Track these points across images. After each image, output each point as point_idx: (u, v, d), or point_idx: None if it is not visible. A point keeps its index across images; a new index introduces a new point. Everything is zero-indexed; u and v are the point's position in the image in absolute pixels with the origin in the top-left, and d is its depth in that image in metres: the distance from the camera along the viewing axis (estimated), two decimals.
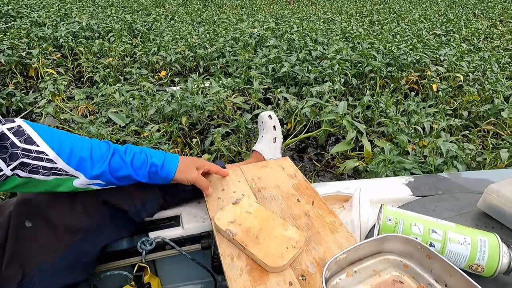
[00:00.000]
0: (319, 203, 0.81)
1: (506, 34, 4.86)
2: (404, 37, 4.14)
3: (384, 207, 0.70)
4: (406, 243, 0.62)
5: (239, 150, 1.97)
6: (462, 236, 0.63)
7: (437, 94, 2.53)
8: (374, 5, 8.19)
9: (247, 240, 0.66)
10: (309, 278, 0.61)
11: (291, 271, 0.63)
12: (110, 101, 2.31)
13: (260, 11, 7.14)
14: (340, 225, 0.74)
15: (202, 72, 3.32)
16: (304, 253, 0.67)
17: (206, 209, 0.83)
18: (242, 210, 0.74)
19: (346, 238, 0.70)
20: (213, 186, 0.87)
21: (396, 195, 0.92)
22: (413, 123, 2.00)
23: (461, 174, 1.01)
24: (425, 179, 0.98)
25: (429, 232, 0.64)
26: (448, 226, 0.66)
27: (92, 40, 3.86)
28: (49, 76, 2.65)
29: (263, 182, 0.90)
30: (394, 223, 0.67)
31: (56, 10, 5.25)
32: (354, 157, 2.03)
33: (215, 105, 2.20)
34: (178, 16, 6.01)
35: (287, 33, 4.01)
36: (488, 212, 0.78)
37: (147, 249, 0.80)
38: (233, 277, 0.62)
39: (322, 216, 0.77)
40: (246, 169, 0.95)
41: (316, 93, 2.44)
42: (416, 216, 0.68)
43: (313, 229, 0.73)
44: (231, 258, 0.66)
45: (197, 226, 0.85)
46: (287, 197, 0.83)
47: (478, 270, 0.61)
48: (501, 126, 2.20)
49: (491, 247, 0.61)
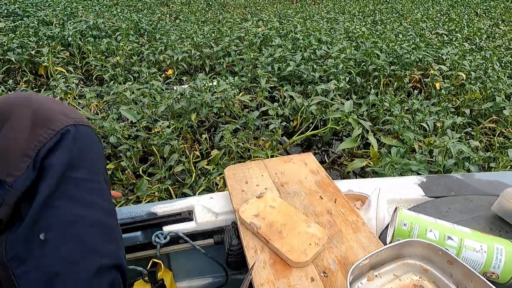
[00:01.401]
0: (342, 201, 0.81)
1: (508, 34, 4.89)
2: (407, 36, 4.18)
3: (399, 211, 0.69)
4: (427, 248, 0.62)
5: (247, 147, 2.02)
6: (478, 244, 0.62)
7: (440, 92, 2.58)
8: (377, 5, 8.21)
9: (271, 234, 0.69)
10: (331, 275, 0.63)
11: (313, 267, 0.64)
12: (121, 99, 2.36)
13: (264, 10, 7.17)
14: (363, 225, 0.74)
15: (209, 71, 3.37)
16: (326, 251, 0.68)
17: (230, 200, 0.85)
18: (266, 204, 0.76)
19: (368, 238, 0.70)
20: (236, 179, 0.90)
21: (408, 195, 0.92)
22: (417, 121, 2.05)
23: (474, 175, 0.99)
24: (438, 180, 0.97)
25: (445, 239, 0.64)
26: (464, 232, 0.65)
27: (100, 39, 3.91)
28: (60, 74, 2.71)
29: (286, 177, 0.91)
30: (409, 228, 0.67)
31: (62, 9, 5.30)
32: (361, 156, 2.08)
33: (223, 103, 2.26)
34: (183, 15, 6.05)
35: (292, 32, 4.06)
36: (503, 217, 0.77)
37: (162, 242, 0.81)
38: (256, 269, 0.64)
39: (344, 214, 0.77)
40: (269, 163, 0.96)
41: (321, 91, 2.49)
42: (432, 221, 0.68)
43: (335, 227, 0.74)
44: (254, 251, 0.68)
45: (210, 221, 0.87)
46: (310, 194, 0.84)
47: (493, 277, 0.61)
48: (502, 124, 2.24)
49: (508, 255, 0.60)
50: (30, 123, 0.50)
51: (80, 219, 0.52)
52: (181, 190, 1.76)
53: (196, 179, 1.81)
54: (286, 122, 2.42)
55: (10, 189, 0.48)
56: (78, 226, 0.52)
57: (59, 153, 0.51)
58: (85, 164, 0.54)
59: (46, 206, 0.49)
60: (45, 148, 0.50)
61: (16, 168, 0.48)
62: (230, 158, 1.97)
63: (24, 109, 0.52)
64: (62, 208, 0.51)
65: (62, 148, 0.51)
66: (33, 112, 0.52)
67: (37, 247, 0.48)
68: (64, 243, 0.50)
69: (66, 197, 0.51)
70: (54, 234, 0.50)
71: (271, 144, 2.03)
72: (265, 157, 1.89)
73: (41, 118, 0.51)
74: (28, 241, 0.49)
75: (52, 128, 0.51)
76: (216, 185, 1.73)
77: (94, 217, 0.54)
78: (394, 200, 0.91)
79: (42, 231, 0.49)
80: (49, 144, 0.50)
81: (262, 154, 1.91)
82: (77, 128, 0.54)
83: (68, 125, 0.52)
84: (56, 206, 0.50)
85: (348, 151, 2.15)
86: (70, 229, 0.51)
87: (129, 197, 1.70)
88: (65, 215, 0.51)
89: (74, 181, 0.52)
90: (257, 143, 2.10)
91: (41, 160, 0.50)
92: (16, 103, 0.53)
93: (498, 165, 1.70)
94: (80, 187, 0.53)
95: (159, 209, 0.89)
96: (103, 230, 0.55)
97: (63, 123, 0.52)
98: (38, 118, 0.51)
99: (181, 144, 1.97)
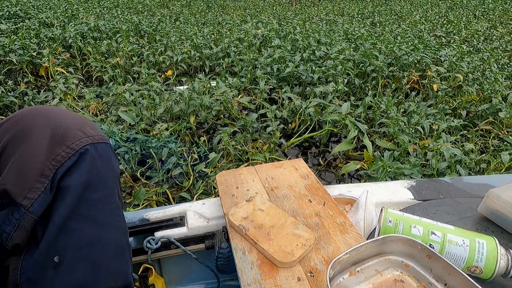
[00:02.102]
0: (331, 204, 0.83)
1: (506, 36, 4.91)
2: (405, 38, 4.20)
3: (385, 210, 0.72)
4: (407, 244, 0.63)
5: (245, 150, 2.04)
6: (461, 238, 0.64)
7: (437, 94, 2.60)
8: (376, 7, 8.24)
9: (259, 236, 0.70)
10: (317, 275, 0.64)
11: (300, 267, 0.66)
12: (120, 100, 2.38)
13: (263, 12, 7.20)
14: (351, 226, 0.75)
15: (208, 72, 3.39)
16: (313, 251, 0.69)
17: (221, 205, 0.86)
18: (255, 208, 0.78)
19: (356, 239, 0.72)
20: (227, 184, 0.91)
21: (398, 198, 0.94)
22: (413, 124, 2.07)
23: (463, 179, 1.01)
24: (427, 183, 0.99)
25: (429, 234, 0.66)
26: (447, 228, 0.67)
27: (100, 40, 3.94)
28: (60, 75, 2.73)
29: (276, 181, 0.92)
30: (394, 224, 0.69)
31: (63, 11, 5.33)
32: (356, 158, 2.09)
33: (222, 105, 2.27)
34: (183, 17, 6.08)
35: (291, 33, 4.08)
36: (489, 217, 0.79)
37: (153, 247, 0.81)
38: (244, 270, 0.65)
39: (332, 216, 0.79)
40: (260, 169, 0.98)
41: (319, 93, 2.51)
42: (416, 218, 0.70)
43: (323, 229, 0.75)
44: (243, 252, 0.70)
45: (201, 226, 0.88)
46: (299, 197, 0.86)
47: (477, 271, 0.63)
48: (498, 126, 2.26)
49: (489, 249, 0.62)
50: (48, 141, 0.50)
51: (96, 241, 0.52)
52: (179, 193, 1.77)
53: (194, 182, 1.83)
54: (284, 124, 2.43)
55: (26, 213, 0.47)
56: (93, 249, 0.51)
57: (77, 174, 0.50)
58: (102, 184, 0.54)
59: (63, 228, 0.49)
60: (63, 168, 0.49)
61: (33, 189, 0.47)
62: (228, 161, 1.98)
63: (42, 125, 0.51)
64: (78, 230, 0.50)
65: (80, 168, 0.51)
66: (52, 129, 0.51)
67: (51, 269, 0.48)
68: (78, 266, 0.50)
69: (82, 219, 0.51)
70: (69, 256, 0.49)
71: (269, 146, 2.05)
72: (263, 160, 1.91)
73: (60, 135, 0.51)
74: (42, 264, 0.48)
75: (71, 147, 0.50)
76: (214, 189, 1.75)
77: (109, 238, 0.54)
78: (383, 203, 0.93)
79: (57, 253, 0.49)
80: (67, 164, 0.49)
81: (260, 157, 1.92)
82: (96, 147, 0.53)
83: (86, 144, 0.52)
84: (73, 228, 0.50)
85: (343, 153, 2.17)
86: (85, 252, 0.51)
87: (126, 201, 1.72)
88: (81, 237, 0.51)
89: (91, 202, 0.52)
90: (256, 146, 2.11)
91: (59, 180, 0.49)
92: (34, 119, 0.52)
93: (488, 168, 1.71)
94: (97, 208, 0.53)
95: (151, 215, 0.90)
96: (117, 251, 0.55)
97: (81, 142, 0.51)
98: (57, 135, 0.51)
99: (179, 147, 1.99)
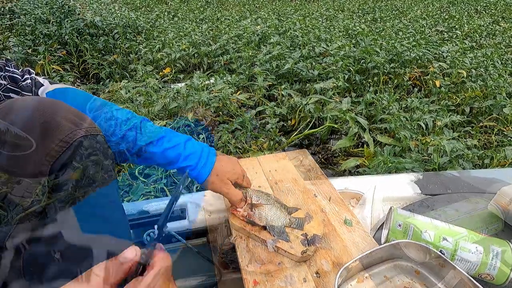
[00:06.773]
0: (336, 199, 0.80)
1: (508, 31, 4.85)
2: (407, 33, 4.15)
3: (394, 211, 0.68)
4: (420, 250, 0.61)
5: (246, 147, 2.00)
6: (474, 245, 0.62)
7: (440, 90, 2.55)
8: (376, 2, 8.17)
9: (262, 230, 0.69)
10: (323, 275, 0.62)
11: (306, 267, 0.63)
12: (116, 98, 2.34)
13: (263, 8, 7.13)
14: (357, 224, 0.73)
15: (206, 69, 3.34)
16: (319, 251, 0.67)
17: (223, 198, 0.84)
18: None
19: (362, 238, 0.69)
20: None
21: (404, 193, 0.91)
22: (415, 120, 2.03)
23: (470, 173, 0.99)
24: (434, 177, 0.96)
25: (440, 240, 0.63)
26: (459, 233, 0.64)
27: (97, 37, 3.88)
28: (56, 72, 2.68)
29: (280, 174, 0.89)
30: (404, 229, 0.65)
31: (59, 7, 5.26)
32: (356, 155, 2.06)
33: (221, 102, 2.23)
34: (181, 13, 6.02)
35: (290, 30, 4.03)
36: (500, 215, 0.77)
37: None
38: (246, 265, 0.64)
39: (339, 213, 0.76)
40: (263, 161, 0.95)
41: (319, 90, 2.47)
42: (427, 221, 0.67)
43: (329, 226, 0.73)
44: (245, 247, 0.68)
45: (203, 220, 0.85)
46: (304, 192, 0.83)
47: (488, 278, 0.60)
48: (502, 122, 2.22)
49: (504, 258, 0.59)
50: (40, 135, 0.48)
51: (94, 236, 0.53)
52: None
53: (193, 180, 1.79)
54: (284, 121, 2.39)
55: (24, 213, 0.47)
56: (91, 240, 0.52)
57: (72, 168, 0.49)
58: (98, 177, 0.53)
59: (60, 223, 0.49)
60: (58, 163, 0.48)
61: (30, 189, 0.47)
62: None
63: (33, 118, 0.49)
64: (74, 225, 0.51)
65: (75, 162, 0.50)
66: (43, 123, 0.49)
67: None
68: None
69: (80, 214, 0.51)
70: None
71: (269, 144, 2.01)
72: None
73: (51, 128, 0.49)
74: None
75: (64, 140, 0.49)
76: None
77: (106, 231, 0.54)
78: (389, 198, 0.90)
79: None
80: (62, 158, 0.48)
81: (260, 155, 1.88)
82: (89, 139, 0.52)
83: (80, 136, 0.50)
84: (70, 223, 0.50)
85: (344, 150, 2.13)
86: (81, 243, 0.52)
87: (124, 199, 1.68)
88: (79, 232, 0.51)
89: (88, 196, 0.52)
90: (256, 143, 2.07)
91: (55, 175, 0.48)
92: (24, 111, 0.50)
93: (492, 162, 1.68)
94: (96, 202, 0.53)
95: (151, 207, 0.87)
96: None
97: (74, 134, 0.50)
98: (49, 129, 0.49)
99: None
